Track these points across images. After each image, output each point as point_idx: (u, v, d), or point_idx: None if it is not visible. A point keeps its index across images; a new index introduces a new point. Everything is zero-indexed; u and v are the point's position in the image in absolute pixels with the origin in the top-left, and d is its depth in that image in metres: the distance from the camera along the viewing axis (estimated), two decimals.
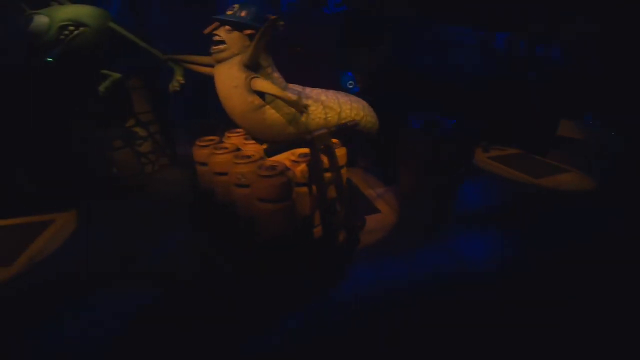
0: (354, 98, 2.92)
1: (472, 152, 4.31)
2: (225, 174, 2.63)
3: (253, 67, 2.41)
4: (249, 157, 2.49)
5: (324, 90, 2.82)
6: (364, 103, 2.97)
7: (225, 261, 2.63)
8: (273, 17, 2.08)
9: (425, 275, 2.65)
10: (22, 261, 3.01)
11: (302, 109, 2.43)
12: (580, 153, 4.43)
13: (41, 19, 2.82)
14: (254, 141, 2.85)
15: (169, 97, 4.43)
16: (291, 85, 2.69)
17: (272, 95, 2.35)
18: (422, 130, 3.71)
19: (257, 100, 2.43)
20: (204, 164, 2.85)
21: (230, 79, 2.42)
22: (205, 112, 4.40)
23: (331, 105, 2.70)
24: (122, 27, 3.16)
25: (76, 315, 2.36)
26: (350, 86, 4.00)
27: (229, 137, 3.04)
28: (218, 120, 3.82)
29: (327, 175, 2.40)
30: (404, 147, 3.76)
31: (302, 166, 2.44)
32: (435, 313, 2.34)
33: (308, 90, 2.73)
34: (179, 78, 2.96)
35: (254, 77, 2.39)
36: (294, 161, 2.51)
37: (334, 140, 2.60)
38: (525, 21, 4.86)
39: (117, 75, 3.34)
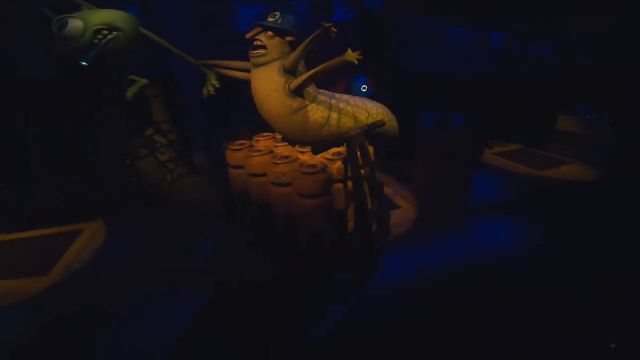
0: (376, 103, 3.13)
1: (483, 147, 4.59)
2: (261, 175, 2.82)
3: (291, 72, 2.62)
4: (287, 157, 2.68)
5: (351, 96, 3.03)
6: (386, 108, 3.20)
7: (270, 261, 2.78)
8: (327, 24, 2.22)
9: (452, 263, 2.86)
10: (59, 270, 3.10)
11: (354, 56, 2.28)
12: (579, 145, 4.75)
13: (76, 23, 2.87)
14: (284, 143, 3.03)
15: (185, 106, 4.61)
16: (321, 91, 2.89)
17: (316, 72, 2.45)
18: (435, 129, 3.97)
19: (295, 104, 2.62)
20: (238, 167, 3.02)
21: (270, 83, 2.60)
22: (225, 119, 4.57)
23: (359, 109, 2.91)
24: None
25: (132, 321, 2.45)
26: (364, 90, 4.24)
27: (257, 140, 3.21)
28: (237, 126, 4.03)
29: (362, 171, 2.60)
30: (420, 145, 4.01)
31: (338, 164, 2.64)
32: (466, 298, 2.54)
33: (338, 95, 2.94)
34: (214, 82, 3.10)
35: (292, 81, 2.59)
36: (329, 159, 2.71)
37: None
38: (520, 19, 5.18)
39: (144, 80, 3.41)
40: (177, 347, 2.21)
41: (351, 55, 2.27)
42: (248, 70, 2.89)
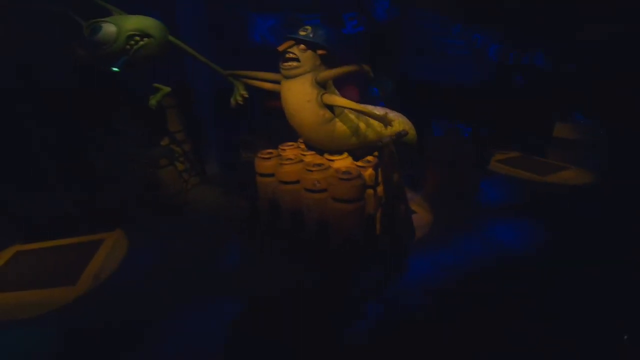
0: (397, 113, 3.36)
1: (490, 154, 4.92)
2: (293, 182, 2.99)
3: (323, 85, 2.82)
4: (320, 165, 2.87)
5: (374, 106, 3.26)
6: (405, 118, 3.43)
7: (301, 265, 2.94)
8: (367, 67, 2.47)
9: (472, 262, 3.10)
10: (86, 280, 3.15)
11: (387, 122, 2.62)
12: (575, 151, 5.14)
13: (110, 28, 2.91)
14: (312, 152, 3.22)
15: (200, 116, 4.76)
16: None
17: (350, 108, 2.73)
18: (445, 138, 4.25)
19: (327, 114, 2.82)
20: (266, 175, 3.19)
21: (303, 94, 2.77)
22: (236, 129, 4.73)
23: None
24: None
25: (166, 330, 2.52)
26: (377, 99, 4.51)
27: (283, 149, 3.39)
28: (253, 135, 4.21)
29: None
30: (430, 153, 4.28)
31: (370, 170, 2.85)
32: (492, 295, 2.77)
33: (362, 105, 3.16)
34: (243, 92, 3.20)
35: (324, 93, 2.79)
36: (360, 166, 2.92)
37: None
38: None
39: (167, 88, 3.48)
40: (213, 357, 2.30)
41: (387, 120, 2.58)
42: (276, 82, 3.08)
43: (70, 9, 3.12)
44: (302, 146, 3.37)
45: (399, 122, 3.26)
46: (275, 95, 3.39)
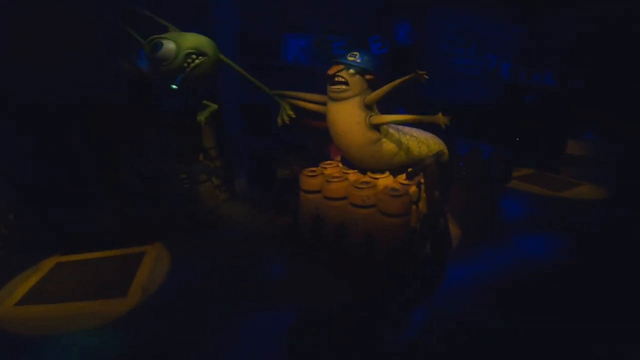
0: (431, 134, 3.64)
1: (511, 172, 5.25)
2: (339, 199, 3.25)
3: (370, 107, 3.11)
4: (367, 182, 3.14)
5: (410, 127, 3.54)
6: (439, 138, 3.72)
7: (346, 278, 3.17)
8: (421, 72, 2.66)
9: (505, 272, 3.37)
10: (136, 291, 3.23)
11: (444, 120, 2.76)
12: (587, 167, 5.51)
13: (170, 45, 3.04)
14: (353, 170, 3.48)
15: (229, 132, 5.01)
16: None
17: (401, 121, 2.98)
18: (469, 155, 4.57)
19: (375, 135, 3.10)
20: (311, 191, 3.44)
21: (352, 116, 3.05)
22: (264, 146, 4.98)
23: (422, 140, 3.42)
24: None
25: (221, 342, 2.64)
26: None
27: (325, 167, 3.64)
28: (288, 153, 4.46)
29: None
30: (455, 171, 4.60)
31: (414, 187, 3.13)
32: (529, 302, 3.02)
33: (400, 127, 3.45)
34: (290, 112, 3.43)
35: (372, 115, 3.08)
36: (403, 184, 3.19)
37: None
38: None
39: (214, 105, 3.66)
40: None
41: (440, 119, 2.74)
42: (320, 103, 3.36)
43: (126, 23, 3.31)
44: (341, 165, 3.65)
45: (435, 143, 3.55)
46: (314, 116, 3.69)
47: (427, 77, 2.66)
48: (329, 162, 3.71)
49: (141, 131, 4.01)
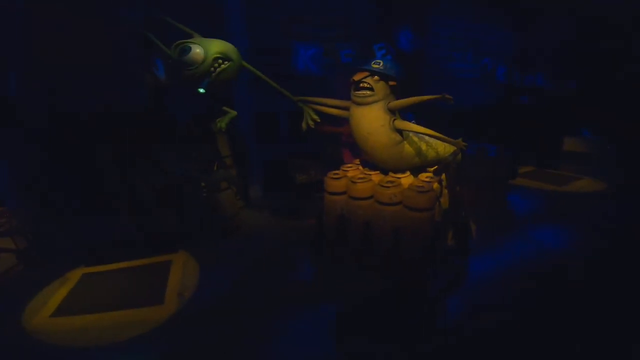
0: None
1: (516, 170, 5.61)
2: (365, 198, 3.50)
3: (393, 111, 3.38)
4: (392, 182, 3.40)
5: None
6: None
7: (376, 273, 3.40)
8: (448, 96, 2.96)
9: (523, 261, 3.66)
10: (171, 299, 3.30)
11: (461, 145, 3.17)
12: (585, 163, 5.92)
13: (197, 49, 3.13)
14: (376, 172, 3.73)
15: (243, 140, 5.22)
16: None
17: (423, 133, 3.27)
18: (477, 155, 4.90)
19: (398, 137, 3.37)
20: (336, 193, 3.67)
21: (377, 120, 3.31)
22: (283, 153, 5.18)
23: (438, 141, 3.72)
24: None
25: (265, 342, 2.75)
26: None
27: (346, 170, 3.88)
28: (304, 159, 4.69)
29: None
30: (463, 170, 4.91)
31: (436, 184, 3.40)
32: (551, 287, 3.30)
33: (432, 130, 3.71)
34: (314, 117, 3.64)
35: (395, 119, 3.35)
36: (425, 181, 3.47)
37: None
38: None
39: (234, 112, 3.80)
40: None
41: (461, 144, 3.12)
42: (342, 108, 3.62)
43: (149, 31, 3.44)
44: (361, 167, 3.91)
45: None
46: (330, 121, 3.95)
47: (452, 101, 2.96)
48: (349, 165, 3.96)
49: (162, 140, 4.16)
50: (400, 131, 3.38)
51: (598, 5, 6.03)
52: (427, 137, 3.62)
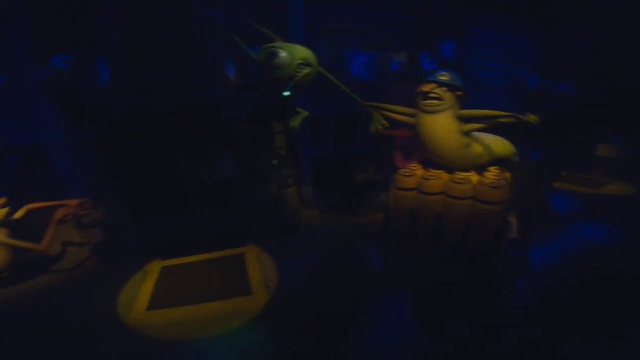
0: (502, 138, 4.45)
1: (558, 173, 6.17)
2: (436, 193, 4.00)
3: (461, 119, 3.88)
4: (464, 179, 3.91)
5: (485, 133, 4.33)
6: (507, 141, 4.52)
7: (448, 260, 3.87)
8: (534, 117, 3.45)
9: (571, 252, 4.15)
10: (258, 289, 3.49)
11: (532, 119, 3.53)
12: (616, 167, 6.50)
13: (283, 54, 3.45)
14: (442, 170, 4.23)
15: (300, 141, 5.66)
16: None
17: (490, 116, 3.72)
18: (522, 160, 5.44)
19: (466, 140, 3.88)
20: (407, 189, 4.17)
21: (448, 125, 3.81)
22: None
23: (498, 142, 4.19)
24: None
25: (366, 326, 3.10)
26: None
27: (412, 169, 4.37)
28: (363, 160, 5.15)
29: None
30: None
31: (502, 181, 3.93)
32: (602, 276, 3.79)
33: (477, 133, 4.23)
34: (383, 122, 4.11)
35: (463, 125, 3.87)
36: (495, 178, 3.97)
37: None
38: None
39: (306, 112, 4.16)
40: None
41: (531, 117, 3.51)
42: (408, 115, 4.13)
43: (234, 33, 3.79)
44: (420, 167, 4.40)
45: (507, 144, 4.37)
46: (395, 126, 4.43)
47: (537, 121, 3.45)
48: (413, 164, 4.45)
49: (233, 139, 4.54)
50: (468, 135, 3.88)
51: (626, 11, 6.60)
52: (491, 139, 4.14)
